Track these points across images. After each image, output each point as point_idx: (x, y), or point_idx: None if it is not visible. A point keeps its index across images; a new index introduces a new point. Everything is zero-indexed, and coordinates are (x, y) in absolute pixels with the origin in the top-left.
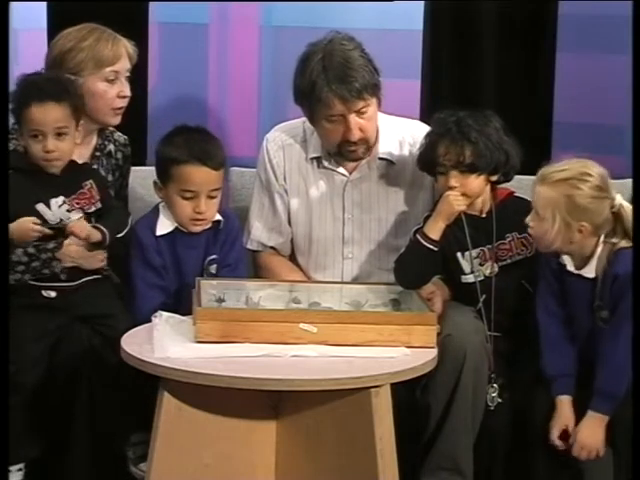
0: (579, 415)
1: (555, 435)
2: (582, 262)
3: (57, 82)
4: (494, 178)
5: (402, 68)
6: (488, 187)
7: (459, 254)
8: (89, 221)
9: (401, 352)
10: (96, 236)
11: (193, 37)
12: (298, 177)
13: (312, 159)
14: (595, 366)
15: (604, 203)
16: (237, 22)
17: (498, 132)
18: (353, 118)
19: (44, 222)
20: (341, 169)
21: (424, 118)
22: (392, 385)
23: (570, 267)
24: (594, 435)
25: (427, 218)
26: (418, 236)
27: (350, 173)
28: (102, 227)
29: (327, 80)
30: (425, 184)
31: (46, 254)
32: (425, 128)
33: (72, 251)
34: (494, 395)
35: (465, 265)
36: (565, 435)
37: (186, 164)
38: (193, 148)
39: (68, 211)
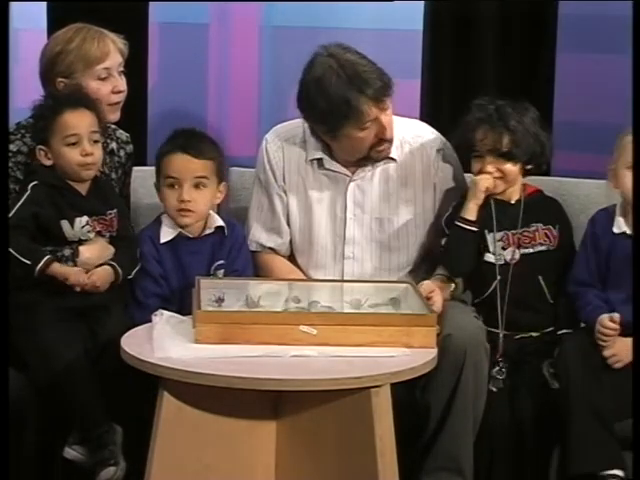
0: None
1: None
2: None
3: (84, 94)
4: (528, 167)
5: (402, 68)
6: (520, 177)
7: (486, 231)
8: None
9: (401, 352)
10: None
11: (193, 37)
12: (298, 177)
13: (312, 160)
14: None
15: None
16: (237, 22)
17: (535, 123)
18: (384, 117)
19: (62, 238)
20: (344, 169)
21: (424, 118)
22: (392, 385)
23: (629, 230)
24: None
25: (455, 207)
26: (458, 222)
27: (353, 173)
28: (117, 266)
29: (359, 89)
30: (428, 185)
31: (66, 264)
32: (426, 127)
33: (87, 258)
34: (500, 377)
35: (490, 244)
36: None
37: (169, 154)
38: (177, 140)
39: (88, 231)
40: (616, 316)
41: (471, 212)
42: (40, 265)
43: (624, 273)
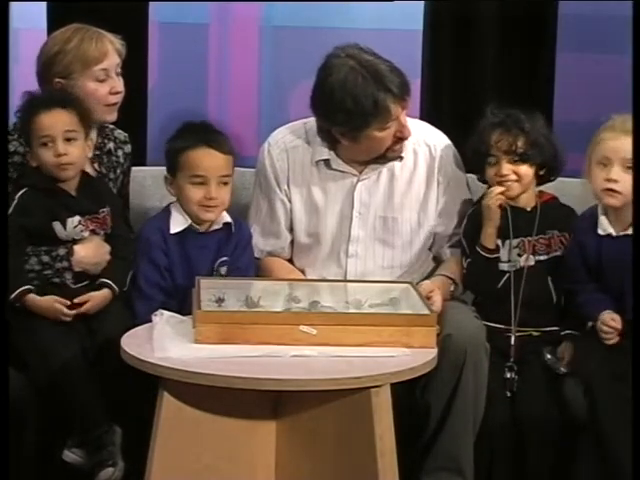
0: None
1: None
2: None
3: (63, 92)
4: (542, 172)
5: (402, 68)
6: (534, 183)
7: (499, 241)
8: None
9: (401, 352)
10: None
11: (193, 37)
12: (303, 179)
13: (318, 162)
14: None
15: None
16: (237, 22)
17: (546, 128)
18: (403, 115)
19: (55, 238)
20: (351, 169)
21: (424, 117)
22: (392, 385)
23: (614, 232)
24: None
25: (470, 216)
26: (480, 250)
27: (360, 173)
28: (111, 283)
29: (385, 88)
30: (431, 184)
31: (61, 263)
32: (428, 127)
33: (82, 257)
34: (515, 381)
35: (503, 254)
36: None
37: (194, 149)
38: (200, 135)
39: (81, 231)
40: (617, 317)
41: (490, 239)
42: (14, 295)
43: (621, 277)
